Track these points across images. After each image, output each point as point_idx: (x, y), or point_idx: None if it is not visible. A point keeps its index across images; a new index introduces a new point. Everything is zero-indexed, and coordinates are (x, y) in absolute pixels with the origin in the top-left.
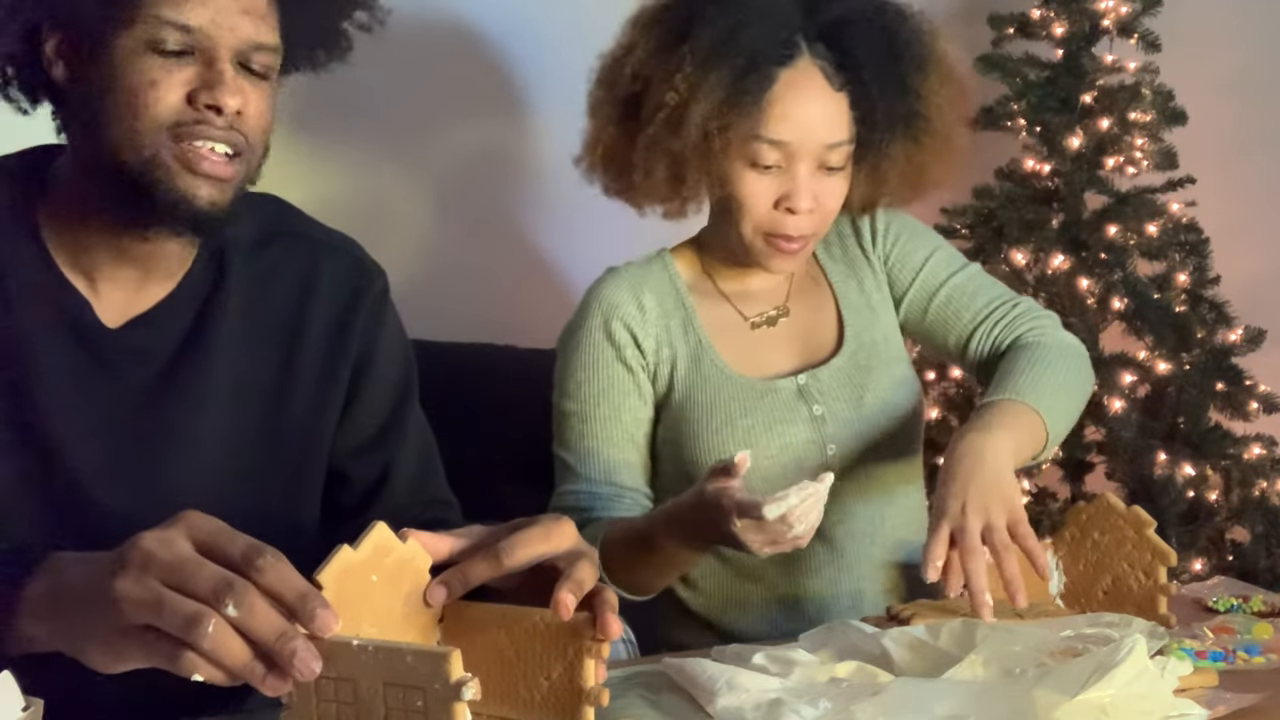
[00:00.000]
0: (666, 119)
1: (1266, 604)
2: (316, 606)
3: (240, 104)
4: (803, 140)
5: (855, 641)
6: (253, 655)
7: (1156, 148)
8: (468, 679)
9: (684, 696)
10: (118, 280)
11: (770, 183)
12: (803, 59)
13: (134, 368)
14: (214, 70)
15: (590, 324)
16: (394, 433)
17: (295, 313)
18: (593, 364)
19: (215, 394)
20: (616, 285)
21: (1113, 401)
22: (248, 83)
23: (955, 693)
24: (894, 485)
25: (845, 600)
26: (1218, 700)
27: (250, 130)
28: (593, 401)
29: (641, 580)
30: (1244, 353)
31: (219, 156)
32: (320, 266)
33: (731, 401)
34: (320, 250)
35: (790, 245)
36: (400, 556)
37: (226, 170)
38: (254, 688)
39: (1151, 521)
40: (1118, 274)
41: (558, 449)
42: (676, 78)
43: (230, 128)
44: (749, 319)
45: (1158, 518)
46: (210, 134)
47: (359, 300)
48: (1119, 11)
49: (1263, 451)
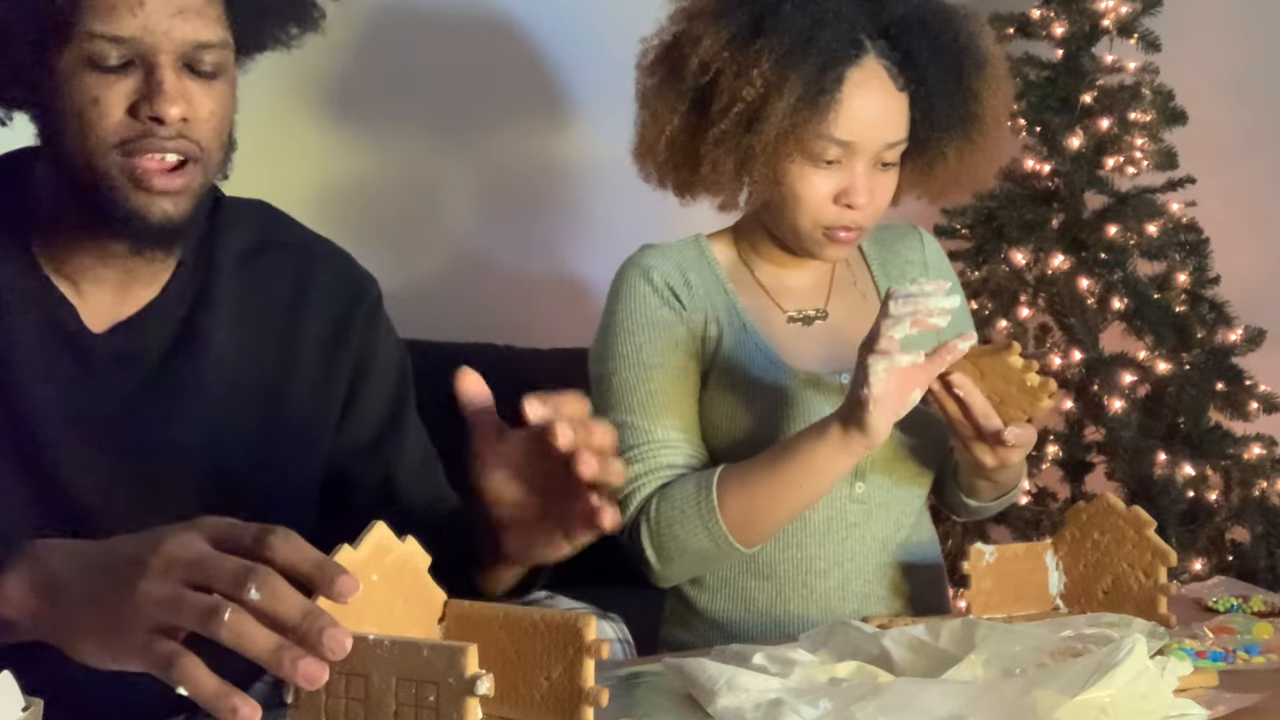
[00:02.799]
0: (741, 115)
1: (1266, 604)
2: (335, 573)
3: (184, 110)
4: (866, 139)
5: (855, 641)
6: (279, 641)
7: (1156, 148)
8: (482, 674)
9: (684, 696)
10: (102, 285)
11: (829, 178)
12: (869, 58)
13: (119, 372)
14: (153, 79)
15: (643, 288)
16: (394, 435)
17: (289, 321)
18: (652, 325)
19: (205, 400)
20: (661, 257)
21: (1113, 401)
22: (195, 85)
23: (955, 693)
24: (915, 493)
25: (853, 603)
26: (1218, 700)
27: (202, 135)
28: (658, 359)
29: (763, 517)
30: (1244, 353)
31: (169, 166)
32: (313, 276)
33: (774, 387)
34: (313, 259)
35: (848, 235)
36: (400, 556)
37: (178, 181)
38: (285, 678)
39: (1151, 521)
40: (1118, 274)
41: (617, 415)
42: (753, 73)
43: (178, 136)
44: (786, 312)
45: (1158, 518)
46: (156, 145)
47: (354, 309)
48: (1119, 11)
49: (1263, 451)
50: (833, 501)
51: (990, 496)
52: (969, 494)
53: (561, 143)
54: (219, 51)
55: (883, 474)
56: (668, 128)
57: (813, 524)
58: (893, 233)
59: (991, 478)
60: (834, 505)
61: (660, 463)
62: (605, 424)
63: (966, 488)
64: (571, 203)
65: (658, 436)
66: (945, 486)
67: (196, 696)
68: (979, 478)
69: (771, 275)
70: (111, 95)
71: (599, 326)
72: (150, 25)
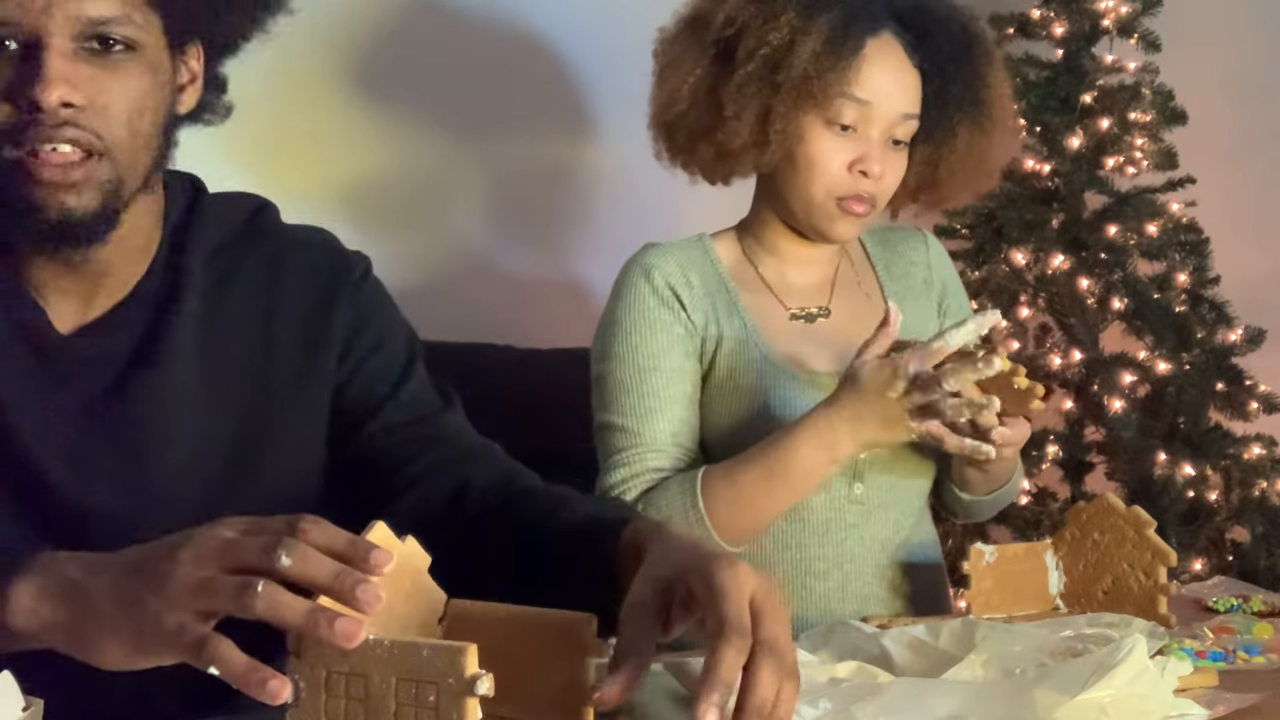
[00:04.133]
0: (767, 59)
1: (1266, 604)
2: (369, 548)
3: (68, 94)
4: (883, 103)
5: (855, 641)
6: (313, 605)
7: (1156, 148)
8: (482, 674)
9: (684, 696)
10: (65, 291)
11: (844, 145)
12: (885, 32)
13: (87, 375)
14: (31, 62)
15: (643, 289)
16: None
17: (263, 313)
18: (649, 325)
19: (180, 399)
20: (663, 256)
21: (1113, 401)
22: (92, 68)
23: (955, 693)
24: (915, 494)
25: (853, 604)
26: (1218, 700)
27: (103, 123)
28: (652, 362)
29: (750, 516)
30: (1244, 353)
31: (63, 159)
32: (286, 264)
33: (773, 389)
34: (285, 247)
35: (859, 207)
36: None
37: (78, 173)
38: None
39: (1151, 521)
40: (1118, 274)
41: (609, 416)
42: (781, 20)
43: (65, 124)
44: (789, 309)
45: (1158, 518)
46: (44, 135)
47: (337, 289)
48: (1119, 11)
49: (1263, 451)
50: (832, 502)
51: (983, 490)
52: (961, 486)
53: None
54: (127, 27)
55: (882, 474)
56: (691, 77)
57: (811, 525)
58: (897, 234)
59: (982, 468)
60: (833, 506)
61: (646, 466)
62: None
63: (959, 480)
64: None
65: (646, 440)
66: (940, 483)
67: (228, 675)
68: (969, 466)
69: (776, 272)
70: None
71: (599, 324)
72: (26, 1)
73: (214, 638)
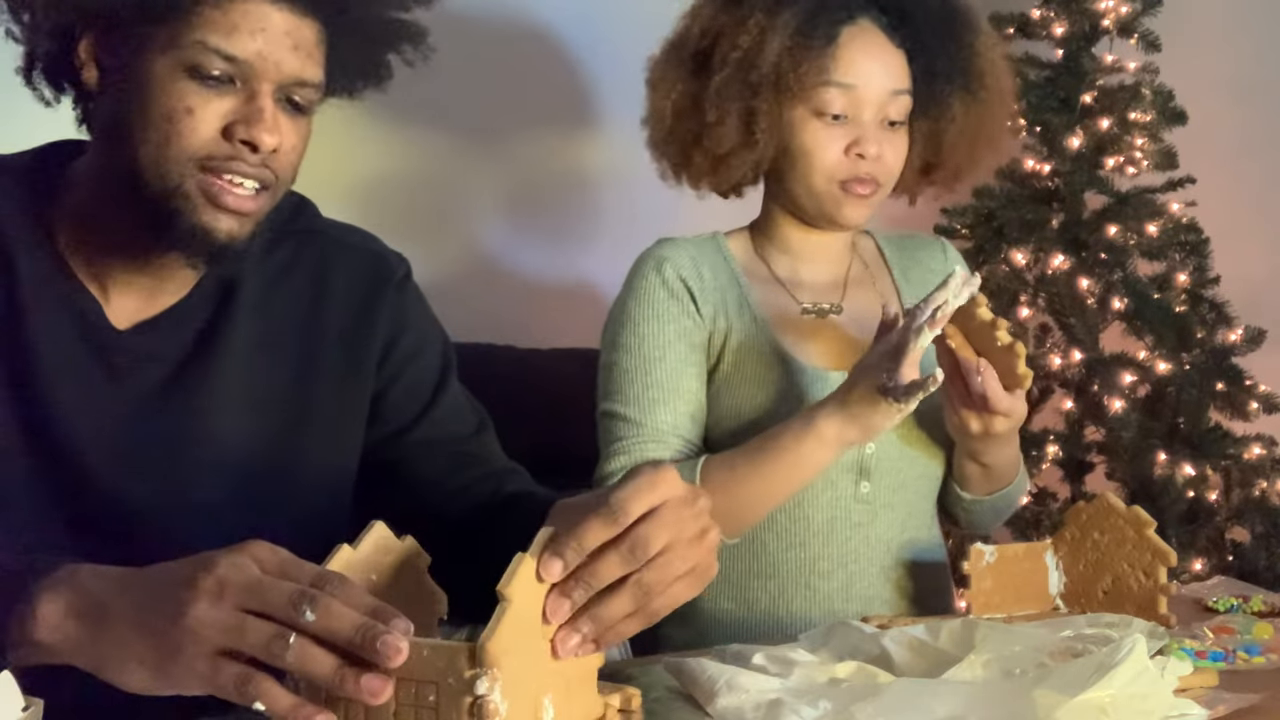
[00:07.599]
0: (740, 60)
1: (1266, 604)
2: (392, 615)
3: (277, 141)
4: (868, 84)
5: (855, 641)
6: (338, 662)
7: (1156, 148)
8: (481, 673)
9: (683, 697)
10: (130, 286)
11: (837, 133)
12: (863, 19)
13: (143, 370)
14: (254, 105)
15: (654, 280)
16: (442, 406)
17: (309, 312)
18: (658, 316)
19: (229, 397)
20: (676, 250)
21: (1113, 401)
22: (286, 118)
23: (955, 693)
24: (921, 494)
25: (856, 604)
26: (1218, 700)
27: (281, 166)
28: (658, 353)
29: (748, 506)
30: (1244, 353)
31: (246, 192)
32: (332, 263)
33: (782, 383)
34: (332, 247)
35: (863, 188)
36: (400, 555)
37: (251, 205)
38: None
39: (1151, 521)
40: (1118, 274)
41: (612, 405)
42: (749, 23)
43: (262, 164)
44: (800, 304)
45: (1158, 518)
46: (241, 169)
47: (379, 291)
48: (1119, 11)
49: (1263, 451)
50: (837, 501)
51: (983, 490)
52: (962, 484)
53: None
54: (314, 91)
55: (889, 474)
56: (674, 92)
57: (816, 524)
58: (916, 241)
59: (980, 458)
60: (838, 505)
61: (644, 456)
62: None
63: (959, 476)
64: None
65: (647, 429)
66: (944, 487)
67: (274, 711)
68: (969, 459)
69: (788, 268)
70: (208, 109)
71: (609, 314)
72: (265, 52)
73: (257, 676)
